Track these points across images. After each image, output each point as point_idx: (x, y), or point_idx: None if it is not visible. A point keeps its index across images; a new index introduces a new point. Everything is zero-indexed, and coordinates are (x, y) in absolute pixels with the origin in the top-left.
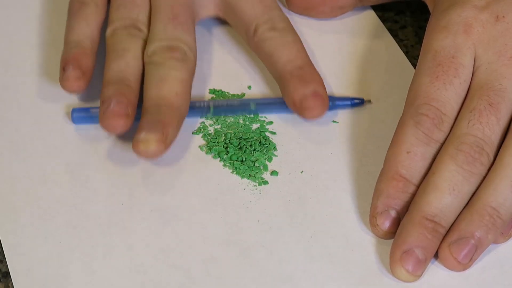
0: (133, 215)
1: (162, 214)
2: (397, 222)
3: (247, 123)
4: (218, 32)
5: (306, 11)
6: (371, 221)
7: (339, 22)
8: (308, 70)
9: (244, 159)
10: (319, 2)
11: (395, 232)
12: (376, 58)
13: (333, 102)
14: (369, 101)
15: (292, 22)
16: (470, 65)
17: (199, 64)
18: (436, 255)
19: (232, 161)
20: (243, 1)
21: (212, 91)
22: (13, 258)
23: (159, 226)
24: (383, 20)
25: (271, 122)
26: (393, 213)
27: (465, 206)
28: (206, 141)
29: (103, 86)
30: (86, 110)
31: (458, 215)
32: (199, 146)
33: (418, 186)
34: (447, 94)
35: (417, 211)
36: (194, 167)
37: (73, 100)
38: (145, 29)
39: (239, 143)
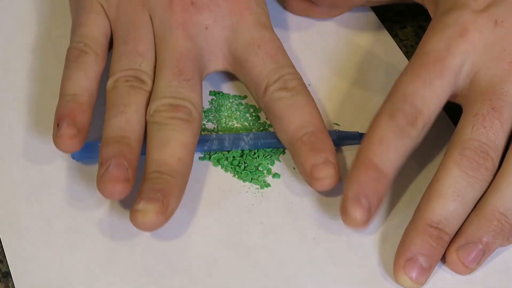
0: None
1: None
2: (368, 212)
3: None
4: None
5: (305, 13)
6: (342, 209)
7: (338, 22)
8: (320, 138)
9: (246, 165)
10: (318, 2)
11: (366, 221)
12: (375, 59)
13: (340, 140)
14: None
15: (291, 23)
16: (458, 70)
17: None
18: (442, 259)
19: (233, 166)
20: (254, 56)
21: (213, 93)
22: (15, 263)
23: (161, 229)
24: (383, 20)
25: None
26: (364, 202)
27: (471, 212)
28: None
29: (102, 144)
30: (86, 146)
31: (465, 220)
32: (199, 158)
33: (389, 178)
34: (425, 93)
35: (421, 218)
36: (196, 170)
37: None
38: (148, 81)
39: (242, 153)
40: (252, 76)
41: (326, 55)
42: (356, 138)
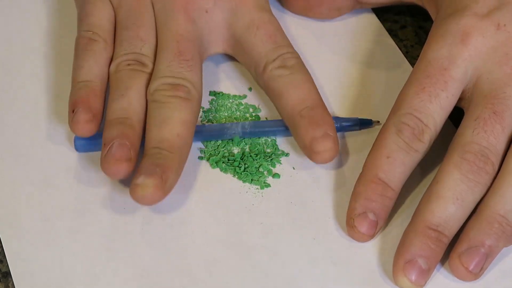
0: (135, 219)
1: (165, 217)
2: (375, 225)
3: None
4: None
5: (304, 12)
6: (348, 222)
7: (338, 23)
8: (319, 112)
9: (246, 166)
10: (316, 3)
11: (372, 235)
12: (375, 59)
13: (340, 124)
14: (378, 122)
15: (291, 23)
16: (462, 78)
17: None
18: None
19: (233, 167)
20: (253, 37)
21: (213, 93)
22: (15, 263)
23: (161, 229)
24: (383, 20)
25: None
26: (371, 216)
27: (470, 215)
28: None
29: (105, 126)
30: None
31: (465, 224)
32: (198, 157)
33: (396, 191)
34: (431, 107)
35: (420, 220)
36: (196, 170)
37: None
38: (149, 63)
39: (242, 156)
40: (251, 56)
41: (326, 55)
42: (356, 124)
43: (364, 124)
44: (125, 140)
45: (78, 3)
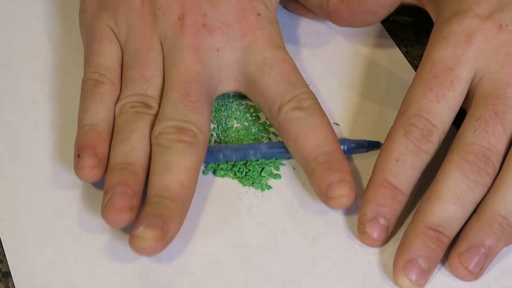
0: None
1: None
2: (386, 230)
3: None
4: None
5: (305, 13)
6: (360, 228)
7: None
8: (335, 157)
9: (248, 171)
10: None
11: (384, 240)
12: (375, 59)
13: (348, 146)
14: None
15: (292, 23)
16: (468, 78)
17: None
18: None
19: (234, 172)
20: (266, 77)
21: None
22: (15, 263)
23: None
24: (383, 20)
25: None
26: (382, 221)
27: (471, 215)
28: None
29: (107, 172)
30: None
31: (465, 224)
32: (203, 171)
33: (406, 195)
34: (439, 107)
35: (420, 220)
36: None
37: (75, 99)
38: (154, 105)
39: (245, 162)
40: (265, 97)
41: (325, 55)
42: (364, 147)
43: (371, 146)
44: (127, 188)
45: (85, 38)
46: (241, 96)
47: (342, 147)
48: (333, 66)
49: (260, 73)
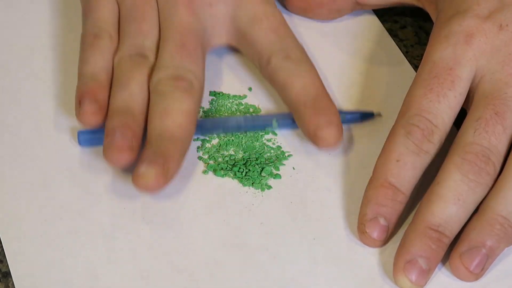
0: (136, 220)
1: (165, 218)
2: (386, 230)
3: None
4: None
5: (304, 13)
6: (360, 228)
7: (339, 23)
8: (323, 100)
9: (248, 171)
10: (317, 4)
11: (384, 240)
12: (375, 59)
13: (343, 117)
14: (379, 114)
15: (292, 23)
16: (468, 77)
17: None
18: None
19: (234, 172)
20: (257, 30)
21: (213, 93)
22: (15, 263)
23: (162, 230)
24: (383, 20)
25: (274, 133)
26: (382, 221)
27: (471, 216)
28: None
29: (107, 117)
30: (93, 131)
31: (466, 224)
32: (198, 157)
33: (407, 195)
34: (440, 107)
35: (421, 220)
36: (196, 169)
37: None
38: (151, 56)
39: (245, 162)
40: (255, 49)
41: (325, 55)
42: (358, 116)
43: (365, 117)
44: (127, 129)
45: None
46: (241, 96)
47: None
48: (333, 66)
49: (250, 27)
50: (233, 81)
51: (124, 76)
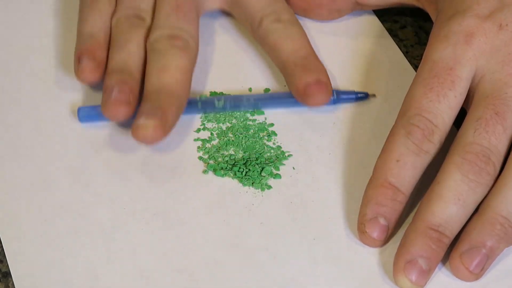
0: (136, 219)
1: (165, 217)
2: (386, 230)
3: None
4: (218, 34)
5: (304, 13)
6: (360, 228)
7: (339, 23)
8: (312, 60)
9: (248, 170)
10: (316, 4)
11: (384, 240)
12: (375, 59)
13: (338, 96)
14: (373, 95)
15: None
16: (468, 77)
17: (198, 65)
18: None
19: (234, 172)
20: None
21: (213, 94)
22: (15, 263)
23: (161, 230)
24: (383, 20)
25: (272, 129)
26: (382, 221)
27: (472, 216)
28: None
29: (105, 75)
30: (92, 108)
31: (467, 224)
32: (199, 157)
33: (407, 195)
34: (440, 107)
35: (421, 220)
36: (196, 169)
37: (74, 100)
38: (148, 18)
39: (245, 162)
40: (246, 12)
41: (325, 55)
42: (352, 96)
43: (360, 97)
44: (124, 85)
45: None
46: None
47: (332, 98)
48: (333, 66)
49: None
50: (233, 81)
51: (121, 37)
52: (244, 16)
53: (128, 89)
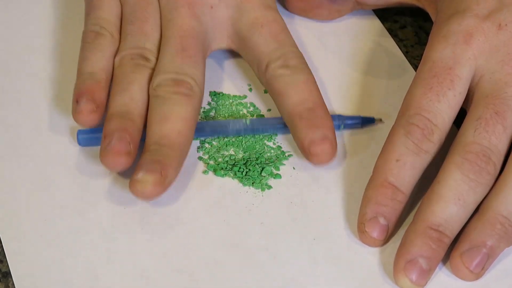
0: (136, 220)
1: (165, 218)
2: (386, 229)
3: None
4: None
5: (304, 13)
6: (360, 227)
7: (339, 23)
8: (319, 113)
9: (248, 170)
10: (316, 4)
11: (384, 239)
12: (375, 59)
13: (343, 122)
14: (380, 120)
15: (292, 23)
16: (468, 77)
17: None
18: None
19: (234, 172)
20: (257, 35)
21: (213, 94)
22: (15, 263)
23: (161, 230)
24: (383, 20)
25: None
26: (382, 220)
27: (472, 215)
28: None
29: (106, 119)
30: (92, 131)
31: (467, 224)
32: (199, 157)
33: (407, 195)
34: (439, 106)
35: (421, 220)
36: (196, 169)
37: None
38: (152, 58)
39: (245, 162)
40: (254, 54)
41: (325, 55)
42: (358, 122)
43: (366, 122)
44: (125, 133)
45: None
46: (241, 96)
47: (337, 124)
48: (333, 66)
49: (251, 32)
50: (233, 81)
51: (125, 79)
52: (251, 58)
53: (128, 138)
